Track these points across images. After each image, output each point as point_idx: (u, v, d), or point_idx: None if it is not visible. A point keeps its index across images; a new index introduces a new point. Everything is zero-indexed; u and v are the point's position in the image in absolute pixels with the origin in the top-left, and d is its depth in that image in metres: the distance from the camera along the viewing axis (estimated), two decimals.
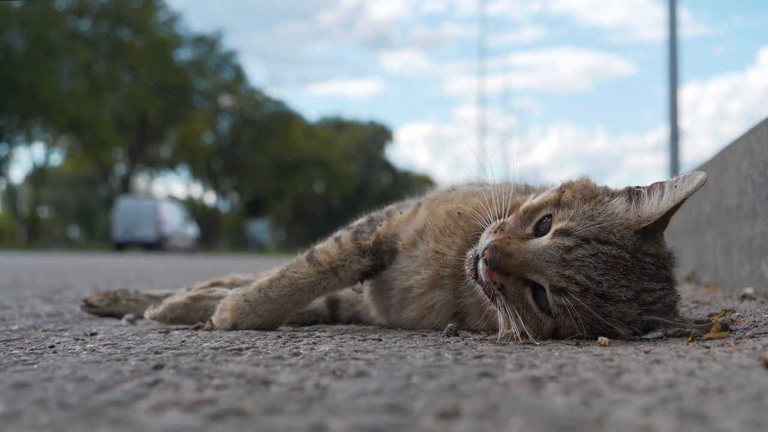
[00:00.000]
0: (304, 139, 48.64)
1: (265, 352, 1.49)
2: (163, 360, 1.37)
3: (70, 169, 48.78)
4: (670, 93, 8.30)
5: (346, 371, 1.24)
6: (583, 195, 1.65)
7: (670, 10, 8.39)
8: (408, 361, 1.35)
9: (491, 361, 1.36)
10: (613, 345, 1.54)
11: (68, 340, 1.77)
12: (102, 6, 39.17)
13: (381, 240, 1.98)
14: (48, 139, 39.97)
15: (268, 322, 1.96)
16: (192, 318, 2.14)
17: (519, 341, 1.61)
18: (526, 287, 1.61)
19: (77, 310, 2.63)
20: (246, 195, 50.10)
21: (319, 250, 1.99)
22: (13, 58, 34.48)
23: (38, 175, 39.85)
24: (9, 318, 2.43)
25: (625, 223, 1.60)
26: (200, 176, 47.65)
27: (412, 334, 1.85)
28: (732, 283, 3.22)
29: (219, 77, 45.36)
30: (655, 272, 1.60)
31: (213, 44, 44.31)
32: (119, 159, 43.43)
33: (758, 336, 1.59)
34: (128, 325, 2.25)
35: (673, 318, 1.64)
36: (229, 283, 2.41)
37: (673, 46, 8.29)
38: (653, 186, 1.64)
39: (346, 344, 1.63)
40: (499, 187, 1.83)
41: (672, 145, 8.22)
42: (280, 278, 1.96)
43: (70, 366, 1.31)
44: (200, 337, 1.78)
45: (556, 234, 1.58)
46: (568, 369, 1.24)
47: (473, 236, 1.79)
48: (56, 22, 35.98)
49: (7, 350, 1.58)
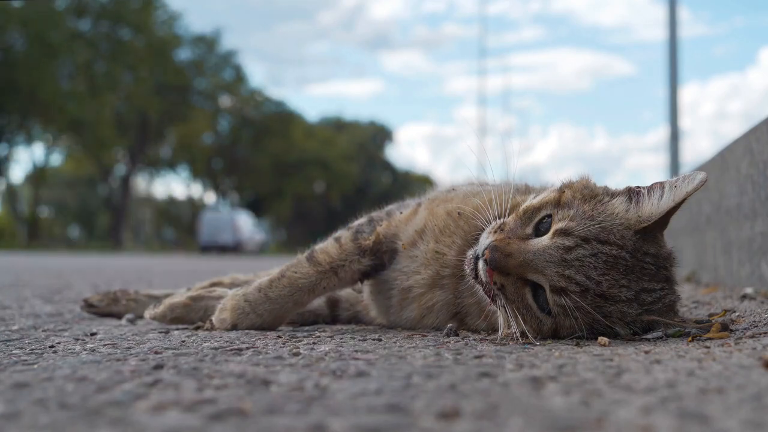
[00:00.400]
0: (304, 139, 48.64)
1: (265, 352, 1.49)
2: (163, 360, 1.37)
3: (70, 169, 48.78)
4: (670, 93, 8.30)
5: (346, 371, 1.24)
6: (583, 195, 1.65)
7: (670, 10, 8.39)
8: (408, 361, 1.35)
9: (491, 361, 1.36)
10: (613, 345, 1.54)
11: (68, 340, 1.77)
12: (102, 6, 39.17)
13: (381, 240, 1.98)
14: (48, 139, 40.00)
15: (268, 322, 1.96)
16: (192, 318, 2.14)
17: (519, 341, 1.61)
18: (526, 287, 1.61)
19: (77, 310, 2.63)
20: (246, 195, 50.09)
21: (319, 250, 1.99)
22: (13, 58, 34.50)
23: (38, 175, 39.88)
24: (9, 318, 2.43)
25: (625, 223, 1.60)
26: (200, 176, 47.66)
27: (412, 334, 1.85)
28: (732, 283, 3.22)
29: (219, 77, 45.36)
30: (655, 272, 1.60)
31: (213, 44, 44.32)
32: (119, 159, 43.43)
33: (758, 336, 1.59)
34: (128, 325, 2.25)
35: (673, 318, 1.64)
36: (229, 283, 2.41)
37: (673, 46, 8.29)
38: (653, 186, 1.64)
39: (346, 344, 1.63)
40: (499, 187, 1.83)
41: (672, 145, 8.22)
42: (280, 278, 1.96)
43: (70, 366, 1.31)
44: (200, 337, 1.78)
45: (556, 234, 1.58)
46: (568, 369, 1.24)
47: (473, 236, 1.79)
48: (56, 22, 35.97)
49: (7, 350, 1.58)
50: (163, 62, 40.26)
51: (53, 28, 35.14)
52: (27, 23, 33.93)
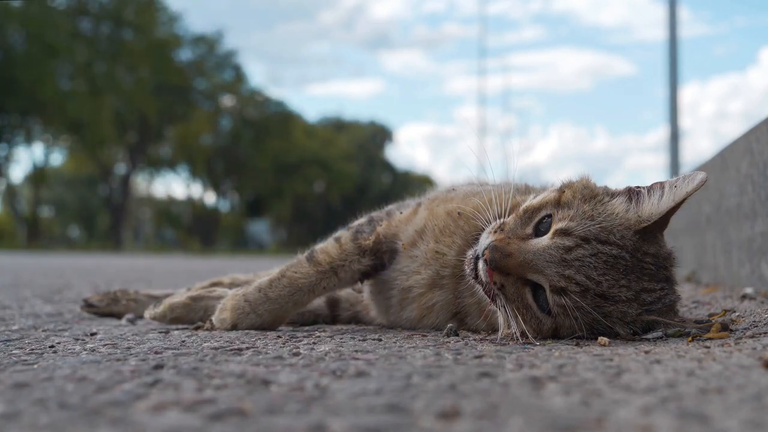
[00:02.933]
0: (304, 139, 48.63)
1: (265, 352, 1.49)
2: (163, 360, 1.37)
3: (70, 169, 48.75)
4: (670, 93, 8.31)
5: (346, 371, 1.24)
6: (583, 195, 1.65)
7: (670, 9, 8.40)
8: (408, 361, 1.35)
9: (491, 361, 1.36)
10: (613, 345, 1.54)
11: (68, 340, 1.77)
12: (102, 6, 39.17)
13: (381, 240, 1.98)
14: (48, 139, 39.98)
15: (268, 322, 1.96)
16: (192, 318, 2.14)
17: (519, 341, 1.61)
18: (526, 287, 1.61)
19: (77, 310, 2.63)
20: (246, 195, 50.08)
21: (319, 250, 1.99)
22: (13, 57, 34.47)
23: (38, 175, 39.85)
24: (9, 318, 2.43)
25: (625, 223, 1.60)
26: (200, 176, 47.65)
27: (412, 334, 1.85)
28: (732, 283, 3.22)
29: (219, 77, 45.36)
30: (655, 272, 1.60)
31: (213, 44, 44.31)
32: (119, 159, 43.43)
33: (758, 336, 1.59)
34: (128, 325, 2.25)
35: (673, 318, 1.64)
36: (229, 283, 2.41)
37: (673, 46, 8.29)
38: (653, 186, 1.64)
39: (346, 344, 1.63)
40: (499, 187, 1.83)
41: (672, 145, 8.22)
42: (280, 278, 1.96)
43: (70, 366, 1.31)
44: (200, 337, 1.78)
45: (556, 234, 1.58)
46: (568, 369, 1.24)
47: (473, 236, 1.79)
48: (56, 22, 35.96)
49: (7, 350, 1.58)
50: (164, 62, 40.24)
51: (53, 27, 35.11)
52: (27, 23, 33.92)
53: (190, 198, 48.50)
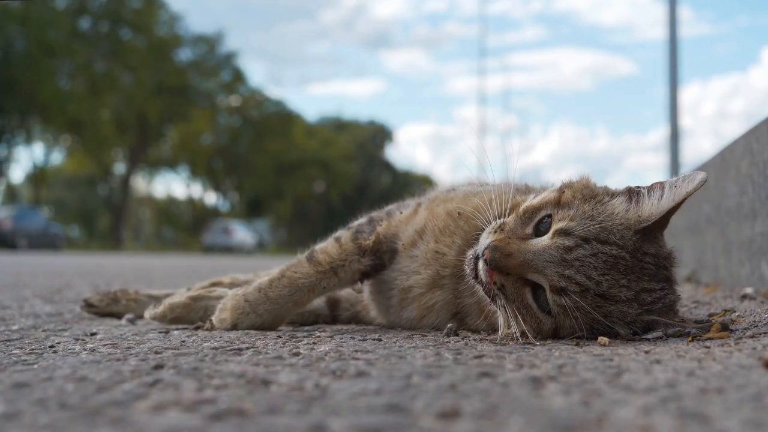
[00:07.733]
0: (304, 139, 48.66)
1: (265, 352, 1.49)
2: (163, 360, 1.37)
3: (70, 169, 48.80)
4: (670, 92, 8.30)
5: (346, 371, 1.24)
6: (583, 195, 1.65)
7: (670, 9, 8.39)
8: (408, 361, 1.35)
9: (491, 361, 1.36)
10: (613, 345, 1.54)
11: (68, 340, 1.77)
12: (102, 6, 39.17)
13: (381, 240, 1.98)
14: (48, 139, 39.99)
15: (268, 322, 1.96)
16: (192, 318, 2.14)
17: (519, 341, 1.61)
18: (526, 287, 1.61)
19: (77, 310, 2.63)
20: (246, 195, 50.11)
21: (319, 250, 1.99)
22: (13, 57, 34.48)
23: (38, 174, 39.86)
24: (9, 318, 2.43)
25: (625, 223, 1.60)
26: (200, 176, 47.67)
27: (412, 334, 1.85)
28: (732, 283, 3.22)
29: (219, 77, 45.37)
30: (655, 272, 1.60)
31: (213, 44, 44.32)
32: (119, 159, 43.43)
33: (758, 336, 1.59)
34: (128, 325, 2.25)
35: (673, 318, 1.64)
36: (229, 283, 2.41)
37: (673, 46, 8.29)
38: (653, 186, 1.64)
39: (346, 344, 1.63)
40: (499, 187, 1.83)
41: (672, 145, 8.21)
42: (280, 278, 1.96)
43: (70, 366, 1.31)
44: (200, 337, 1.78)
45: (556, 234, 1.58)
46: (568, 369, 1.24)
47: (473, 236, 1.79)
48: (56, 21, 35.97)
49: (7, 350, 1.58)
50: (164, 62, 40.26)
51: (53, 27, 35.13)
52: (27, 23, 33.92)
53: (190, 198, 48.50)
